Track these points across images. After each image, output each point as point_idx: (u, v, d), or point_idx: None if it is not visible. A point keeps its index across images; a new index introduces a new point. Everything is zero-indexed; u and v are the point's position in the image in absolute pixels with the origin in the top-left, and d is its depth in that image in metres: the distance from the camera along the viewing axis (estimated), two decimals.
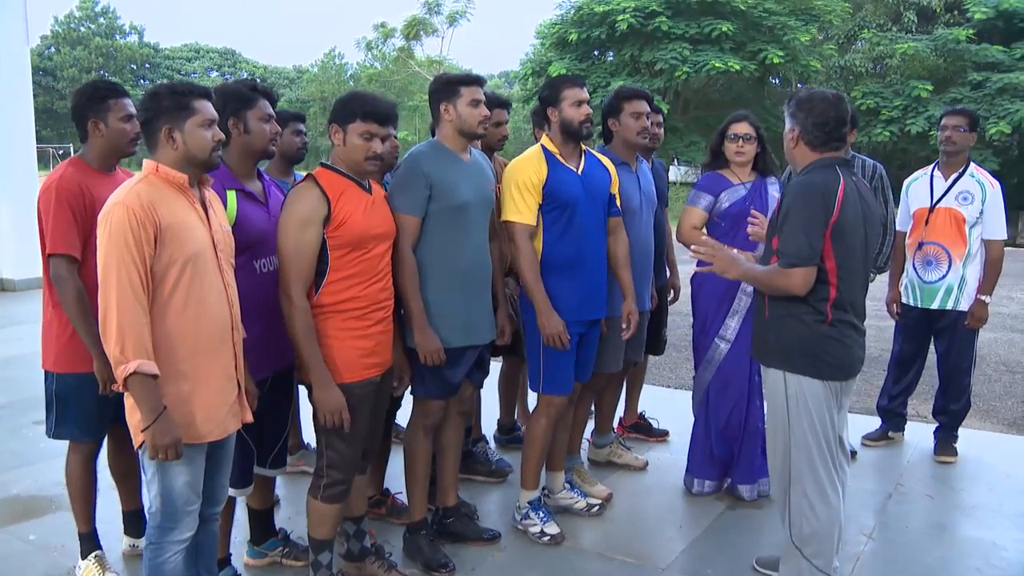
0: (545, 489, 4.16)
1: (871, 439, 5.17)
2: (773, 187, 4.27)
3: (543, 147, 3.73)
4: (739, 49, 26.05)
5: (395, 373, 3.38)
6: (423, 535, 3.66)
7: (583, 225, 3.67)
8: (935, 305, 4.82)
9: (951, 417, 5.00)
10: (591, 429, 4.79)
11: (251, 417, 2.86)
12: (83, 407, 3.25)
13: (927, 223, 4.81)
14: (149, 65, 63.80)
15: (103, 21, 62.53)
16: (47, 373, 3.29)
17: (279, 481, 3.89)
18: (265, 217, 3.17)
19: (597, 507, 4.17)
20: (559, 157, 3.70)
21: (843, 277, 2.95)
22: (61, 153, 41.02)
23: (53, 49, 58.87)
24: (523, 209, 3.62)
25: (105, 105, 3.19)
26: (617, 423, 5.09)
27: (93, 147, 3.24)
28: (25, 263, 10.03)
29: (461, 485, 4.04)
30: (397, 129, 3.26)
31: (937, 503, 4.40)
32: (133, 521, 3.68)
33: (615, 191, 3.87)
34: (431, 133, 3.65)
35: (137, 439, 2.57)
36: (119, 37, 63.28)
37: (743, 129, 4.18)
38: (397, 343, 3.35)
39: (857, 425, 4.98)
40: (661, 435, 5.25)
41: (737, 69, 25.16)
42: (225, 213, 2.90)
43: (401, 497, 3.99)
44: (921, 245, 4.84)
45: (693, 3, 26.01)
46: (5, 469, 4.73)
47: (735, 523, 4.11)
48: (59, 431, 3.32)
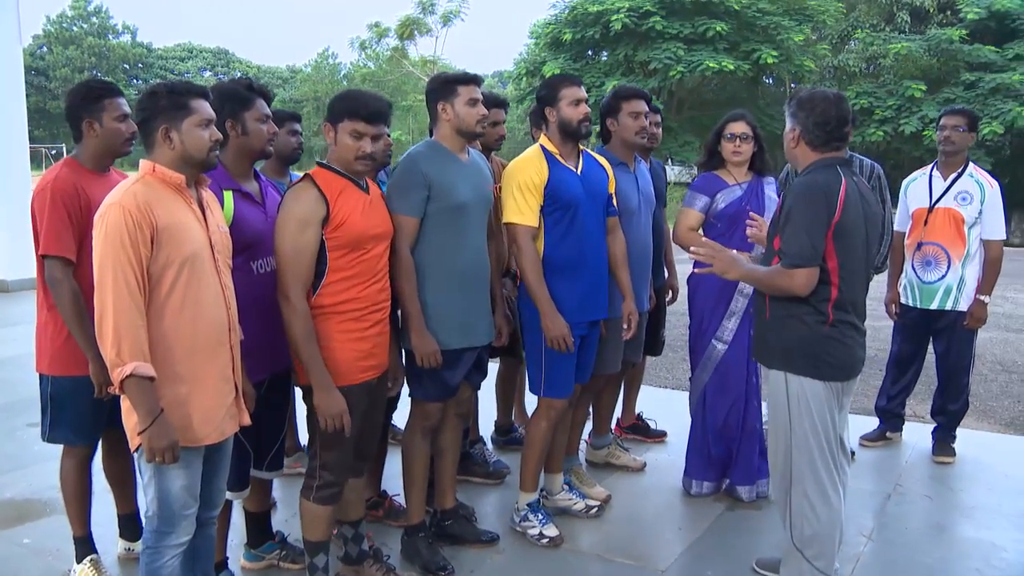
0: (543, 491, 4.14)
1: (869, 439, 5.17)
2: (770, 187, 4.25)
3: (542, 147, 3.70)
4: (733, 49, 26.05)
5: (389, 374, 3.35)
6: (421, 537, 3.63)
7: (584, 226, 3.65)
8: (934, 305, 4.82)
9: (949, 417, 4.99)
10: (589, 430, 4.77)
11: (249, 420, 2.83)
12: (78, 411, 3.22)
13: (926, 223, 4.80)
14: (142, 65, 63.68)
15: (96, 20, 62.40)
16: (42, 376, 3.26)
17: (275, 483, 3.86)
18: (262, 218, 3.15)
19: (596, 509, 4.15)
20: (559, 157, 3.67)
21: (845, 277, 2.94)
22: (54, 153, 40.90)
23: (45, 49, 58.74)
24: (525, 210, 3.58)
25: (100, 105, 3.16)
26: (615, 424, 5.07)
27: (88, 147, 3.21)
28: (18, 263, 10.00)
29: (459, 487, 4.01)
30: (390, 128, 3.23)
31: (936, 504, 4.39)
32: (129, 525, 3.65)
33: (612, 191, 3.85)
34: (428, 133, 3.62)
35: (134, 442, 2.55)
36: (112, 37, 63.16)
37: (740, 129, 4.16)
38: (394, 344, 3.33)
39: (855, 425, 4.96)
40: (659, 436, 5.24)
41: (731, 69, 25.16)
42: (222, 214, 2.87)
43: (399, 499, 3.97)
44: (920, 245, 4.83)
45: (687, 3, 25.98)
46: None
47: (734, 524, 4.10)
48: (53, 435, 3.29)
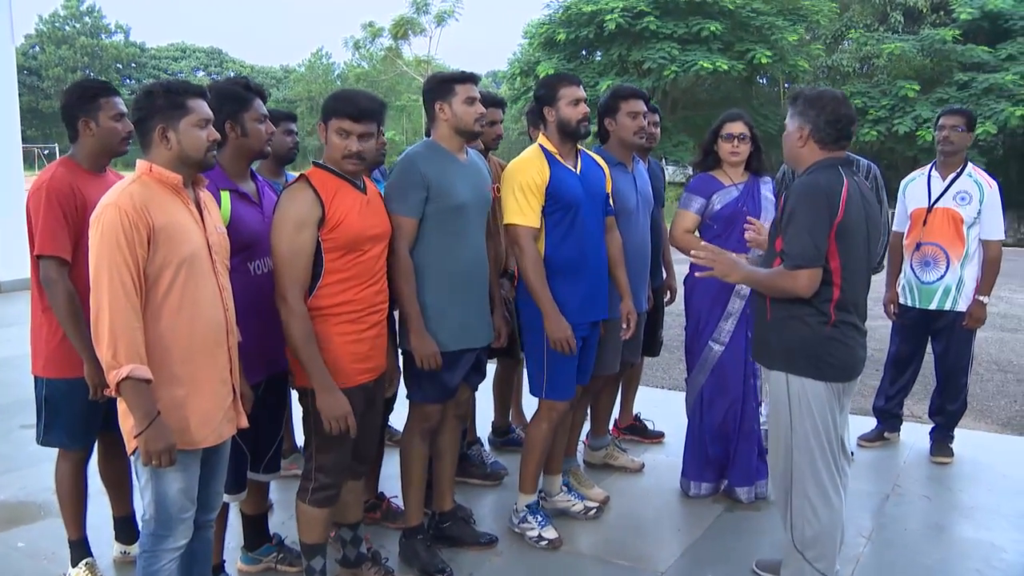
0: (542, 492, 4.11)
1: (867, 440, 5.16)
2: (766, 187, 4.23)
3: (542, 147, 3.67)
4: (727, 49, 26.08)
5: (386, 376, 3.32)
6: (419, 540, 3.61)
7: (585, 226, 3.62)
8: (933, 306, 4.81)
9: (948, 417, 4.99)
10: (586, 431, 4.75)
11: (247, 422, 2.80)
12: (73, 413, 3.19)
13: (925, 223, 4.79)
14: (135, 65, 63.48)
15: (88, 20, 62.15)
16: (37, 378, 3.23)
17: (272, 485, 3.83)
18: (259, 218, 3.12)
19: (594, 510, 4.13)
20: (558, 157, 3.64)
21: (847, 278, 2.93)
22: (47, 153, 40.76)
23: (38, 48, 58.47)
24: (527, 211, 3.55)
25: (96, 104, 3.13)
26: (612, 425, 5.06)
27: (84, 147, 3.18)
28: (11, 263, 9.93)
29: (456, 488, 3.98)
30: (383, 126, 3.19)
31: (935, 504, 4.38)
32: (124, 527, 3.62)
33: (608, 190, 3.82)
34: (426, 134, 3.60)
35: (130, 445, 2.52)
36: (104, 36, 62.94)
37: (738, 129, 4.13)
38: (391, 345, 3.30)
39: (852, 425, 4.96)
40: (657, 436, 5.22)
41: (725, 69, 25.17)
42: (220, 214, 2.84)
43: (396, 501, 3.94)
44: (919, 246, 4.82)
45: (681, 3, 26.00)
46: None
47: (733, 526, 4.08)
48: (49, 438, 3.26)
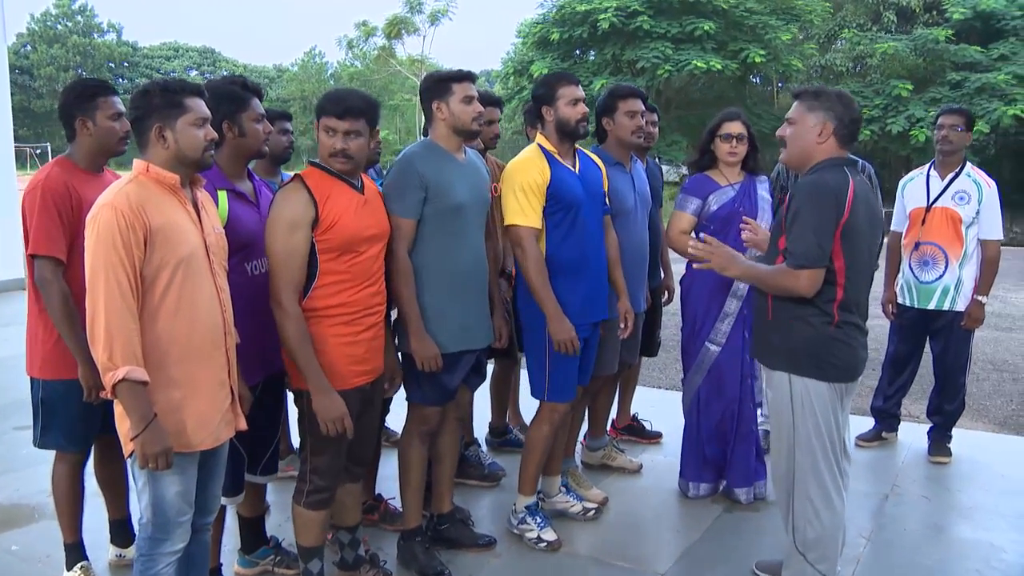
0: (540, 493, 4.09)
1: (864, 439, 5.15)
2: (763, 187, 4.21)
3: (541, 147, 3.64)
4: (721, 48, 26.09)
5: (386, 376, 3.29)
6: (418, 542, 3.59)
7: (586, 226, 3.60)
8: (932, 305, 4.80)
9: (946, 417, 4.98)
10: (584, 432, 4.73)
11: (245, 425, 2.78)
12: (70, 415, 3.16)
13: (923, 223, 4.78)
14: (127, 64, 63.38)
15: (80, 19, 62.01)
16: (33, 380, 3.20)
17: (269, 487, 3.81)
18: (256, 218, 3.09)
19: (593, 511, 4.11)
20: (558, 157, 3.62)
21: (851, 278, 2.92)
22: (39, 153, 40.63)
23: (30, 47, 58.35)
24: (528, 212, 3.52)
25: (93, 103, 3.11)
26: (610, 425, 5.04)
27: (81, 146, 3.15)
28: (5, 263, 9.89)
29: (454, 489, 3.96)
30: (376, 125, 3.15)
31: (934, 504, 4.37)
32: (120, 530, 3.59)
33: (605, 189, 3.80)
34: (423, 134, 3.57)
35: (127, 448, 2.49)
36: (97, 35, 62.80)
37: (737, 129, 4.11)
38: (389, 347, 3.28)
39: (850, 425, 4.97)
40: (654, 437, 5.21)
41: (719, 68, 25.19)
42: (218, 214, 2.82)
43: (394, 503, 3.92)
44: (918, 245, 4.81)
45: (675, 2, 26.01)
46: None
47: (733, 526, 4.07)
48: (45, 440, 3.23)
